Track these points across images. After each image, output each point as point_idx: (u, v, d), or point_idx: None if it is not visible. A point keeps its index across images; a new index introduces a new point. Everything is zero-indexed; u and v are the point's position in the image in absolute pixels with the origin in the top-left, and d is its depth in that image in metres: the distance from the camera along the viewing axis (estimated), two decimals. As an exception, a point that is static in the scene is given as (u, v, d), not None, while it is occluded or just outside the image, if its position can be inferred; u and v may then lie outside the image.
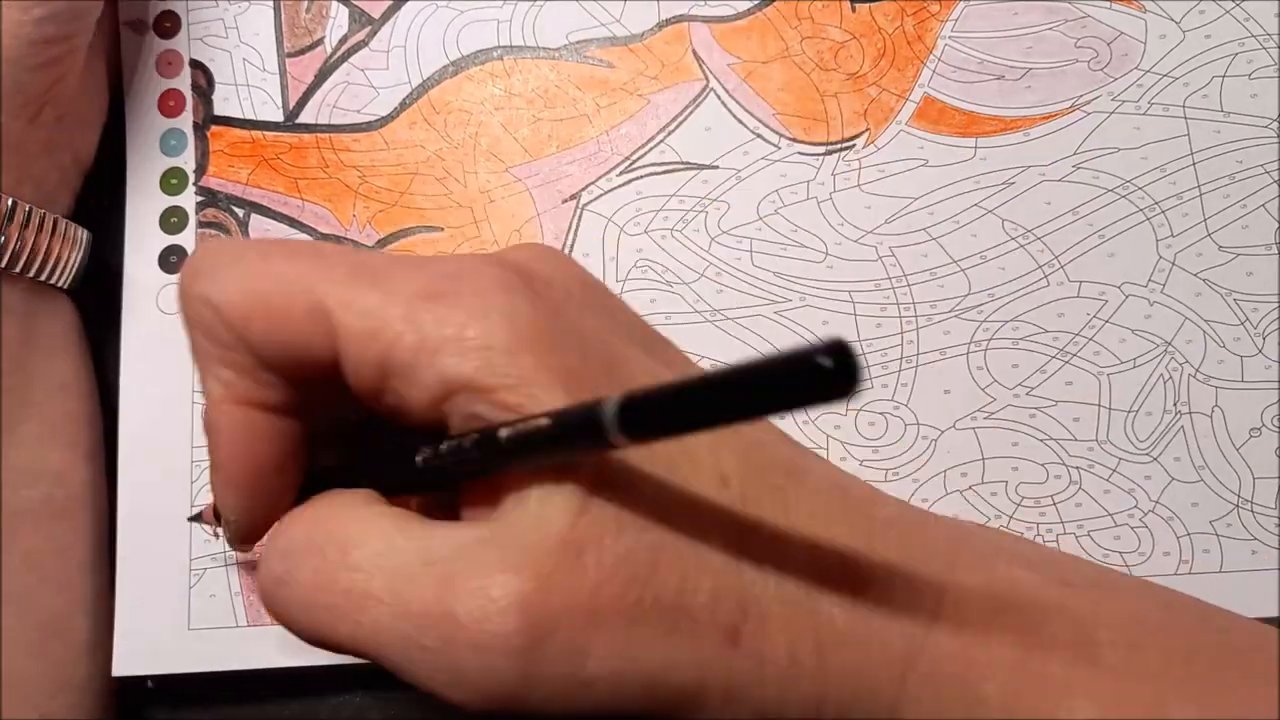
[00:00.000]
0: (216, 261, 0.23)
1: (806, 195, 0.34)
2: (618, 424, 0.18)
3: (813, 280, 0.34)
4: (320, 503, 0.23)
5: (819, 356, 0.15)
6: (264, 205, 0.35)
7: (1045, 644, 0.22)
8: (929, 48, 0.35)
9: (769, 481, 0.22)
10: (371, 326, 0.21)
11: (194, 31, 0.36)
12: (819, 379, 0.15)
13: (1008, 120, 0.34)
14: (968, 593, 0.22)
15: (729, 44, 0.35)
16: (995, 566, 0.23)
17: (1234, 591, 0.32)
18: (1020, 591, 0.23)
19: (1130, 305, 0.33)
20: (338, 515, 0.23)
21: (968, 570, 0.23)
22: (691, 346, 0.34)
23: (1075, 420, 0.33)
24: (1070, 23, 0.34)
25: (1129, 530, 0.32)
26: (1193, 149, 0.34)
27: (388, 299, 0.21)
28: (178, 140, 0.36)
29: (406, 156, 0.35)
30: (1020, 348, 0.33)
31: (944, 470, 0.33)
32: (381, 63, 0.36)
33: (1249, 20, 0.34)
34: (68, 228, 0.33)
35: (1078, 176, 0.34)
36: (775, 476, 0.23)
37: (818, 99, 0.35)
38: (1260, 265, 0.33)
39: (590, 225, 0.35)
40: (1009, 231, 0.34)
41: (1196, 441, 0.33)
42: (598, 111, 0.35)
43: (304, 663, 0.33)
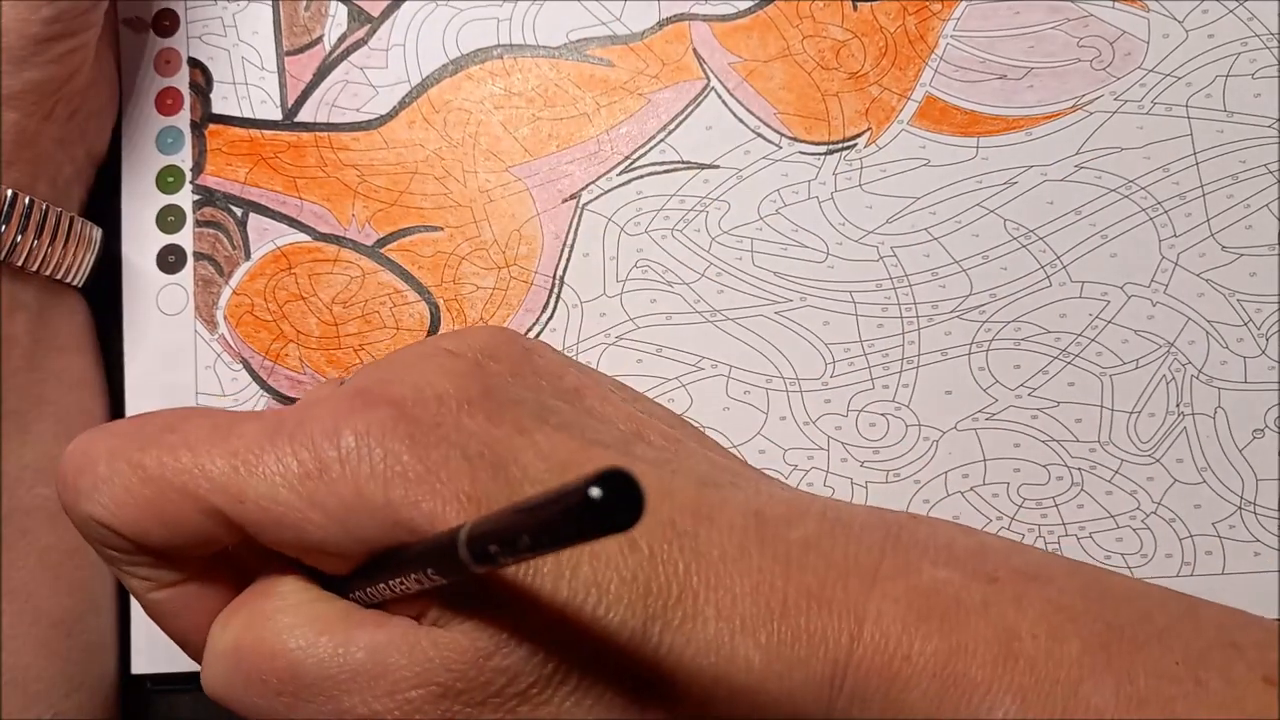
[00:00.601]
0: (91, 475, 0.23)
1: (807, 195, 0.34)
2: (470, 559, 0.19)
3: (814, 280, 0.34)
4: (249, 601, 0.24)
5: (590, 488, 0.16)
6: (262, 204, 0.35)
7: (966, 647, 0.22)
8: (931, 47, 0.34)
9: (678, 529, 0.23)
10: (272, 516, 0.22)
11: (192, 30, 0.36)
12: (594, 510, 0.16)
13: (1010, 120, 0.34)
14: (890, 604, 0.23)
15: (730, 43, 0.35)
16: (920, 570, 0.23)
17: (1236, 593, 0.32)
18: (943, 594, 0.23)
19: (1133, 306, 0.33)
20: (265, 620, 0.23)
21: (890, 580, 0.23)
22: (692, 347, 0.34)
23: (1077, 421, 0.33)
24: (1073, 22, 0.34)
25: (1131, 532, 0.32)
26: (1195, 149, 0.33)
27: (278, 485, 0.22)
28: (175, 138, 0.36)
29: (406, 155, 0.35)
30: (1022, 348, 0.33)
31: (945, 471, 0.33)
32: (381, 61, 0.36)
33: (1252, 20, 0.34)
34: (82, 226, 0.33)
35: (1080, 176, 0.34)
36: (684, 523, 0.23)
37: (819, 98, 0.35)
38: (1263, 266, 0.33)
39: (590, 225, 0.35)
40: (1011, 231, 0.34)
41: (1199, 443, 0.32)
42: (598, 110, 0.35)
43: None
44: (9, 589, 0.31)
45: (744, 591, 0.23)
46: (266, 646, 0.23)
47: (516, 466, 0.23)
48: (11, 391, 0.31)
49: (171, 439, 0.23)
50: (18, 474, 0.31)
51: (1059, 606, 0.23)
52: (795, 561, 0.23)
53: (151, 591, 0.25)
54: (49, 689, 0.31)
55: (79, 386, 0.33)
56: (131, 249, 0.35)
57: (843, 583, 0.23)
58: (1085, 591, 0.24)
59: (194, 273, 0.35)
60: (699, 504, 0.24)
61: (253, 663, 0.23)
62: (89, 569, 0.33)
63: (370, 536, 0.22)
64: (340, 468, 0.22)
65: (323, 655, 0.22)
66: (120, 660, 0.34)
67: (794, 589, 0.23)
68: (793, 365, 0.34)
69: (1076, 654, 0.22)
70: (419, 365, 0.25)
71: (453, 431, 0.23)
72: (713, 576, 0.23)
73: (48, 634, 0.31)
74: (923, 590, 0.23)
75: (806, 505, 0.25)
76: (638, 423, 0.27)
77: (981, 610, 0.23)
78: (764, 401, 0.34)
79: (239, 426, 0.23)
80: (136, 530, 0.23)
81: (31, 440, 0.32)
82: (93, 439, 0.24)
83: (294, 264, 0.35)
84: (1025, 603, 0.23)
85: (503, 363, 0.26)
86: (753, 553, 0.23)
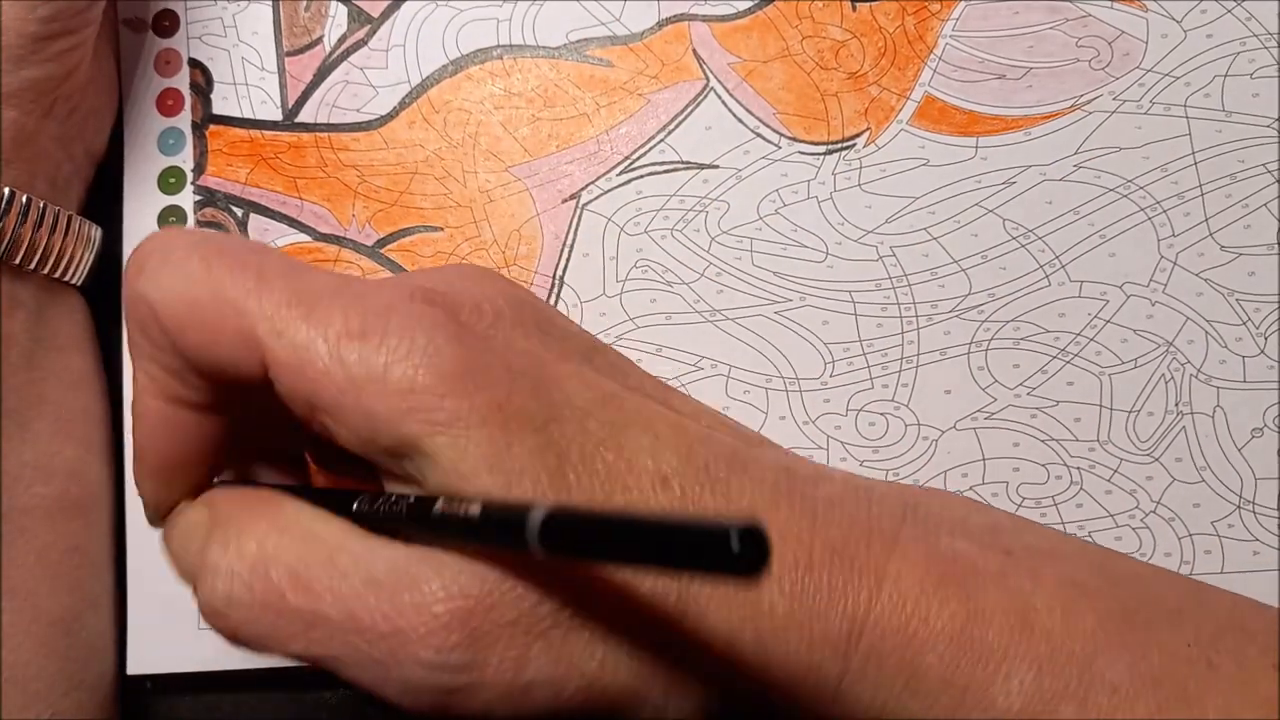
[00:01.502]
0: (163, 258, 0.23)
1: (807, 195, 0.34)
2: (538, 538, 0.18)
3: (813, 280, 0.34)
4: (260, 517, 0.24)
5: (732, 535, 0.15)
6: (263, 205, 0.35)
7: (983, 614, 0.22)
8: (930, 47, 0.35)
9: (711, 475, 0.23)
10: (299, 360, 0.22)
11: (193, 30, 0.36)
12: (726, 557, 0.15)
13: (1009, 119, 0.34)
14: (910, 567, 0.23)
15: (729, 43, 0.35)
16: (938, 539, 0.24)
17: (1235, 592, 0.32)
18: (961, 563, 0.23)
19: (1131, 305, 0.33)
20: (279, 533, 0.23)
21: (910, 544, 0.23)
22: (691, 346, 0.34)
23: (1076, 420, 0.33)
24: (1071, 22, 0.34)
25: (1130, 531, 0.32)
26: (1194, 148, 0.33)
27: (317, 334, 0.22)
28: (176, 139, 0.36)
29: (406, 156, 0.35)
30: (1021, 348, 0.33)
31: (945, 471, 0.33)
32: (381, 62, 0.36)
33: (1250, 20, 0.34)
34: (81, 225, 0.33)
35: (1079, 176, 0.34)
36: (718, 469, 0.23)
37: (818, 98, 0.35)
38: (1262, 265, 0.33)
39: (590, 225, 0.35)
40: (1010, 231, 0.34)
41: (1198, 442, 0.32)
42: (597, 111, 0.35)
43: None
44: (8, 587, 0.31)
45: (773, 540, 0.22)
46: (284, 559, 0.22)
47: (559, 391, 0.23)
48: (10, 390, 0.31)
49: (248, 259, 0.23)
50: (17, 472, 0.31)
51: (1074, 582, 0.23)
52: (821, 516, 0.23)
53: (149, 395, 0.24)
54: (48, 688, 0.31)
55: (78, 385, 0.33)
56: (133, 249, 0.35)
57: (865, 541, 0.23)
58: (1098, 570, 0.24)
59: (194, 273, 0.35)
60: (734, 454, 0.24)
61: (268, 578, 0.22)
62: (88, 568, 0.33)
63: (380, 416, 0.22)
64: (379, 339, 0.22)
65: (345, 567, 0.22)
66: (118, 660, 0.34)
67: (819, 542, 0.23)
68: (792, 365, 0.34)
69: (1092, 628, 0.22)
70: (482, 281, 0.24)
71: (502, 345, 0.23)
72: None
73: (46, 632, 0.31)
74: (941, 557, 0.23)
75: (831, 471, 0.25)
76: (665, 391, 0.27)
77: (999, 580, 0.23)
78: (763, 401, 0.34)
79: (310, 274, 0.23)
80: (176, 325, 0.23)
81: (30, 439, 0.32)
82: (179, 232, 0.24)
83: (294, 264, 0.35)
84: (1041, 576, 0.23)
85: (548, 310, 0.26)
86: (781, 504, 0.23)
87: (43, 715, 0.31)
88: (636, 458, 0.22)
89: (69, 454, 0.33)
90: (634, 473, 0.22)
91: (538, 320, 0.24)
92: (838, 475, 0.25)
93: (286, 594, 0.22)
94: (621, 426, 0.23)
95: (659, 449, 0.23)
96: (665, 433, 0.23)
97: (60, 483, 0.32)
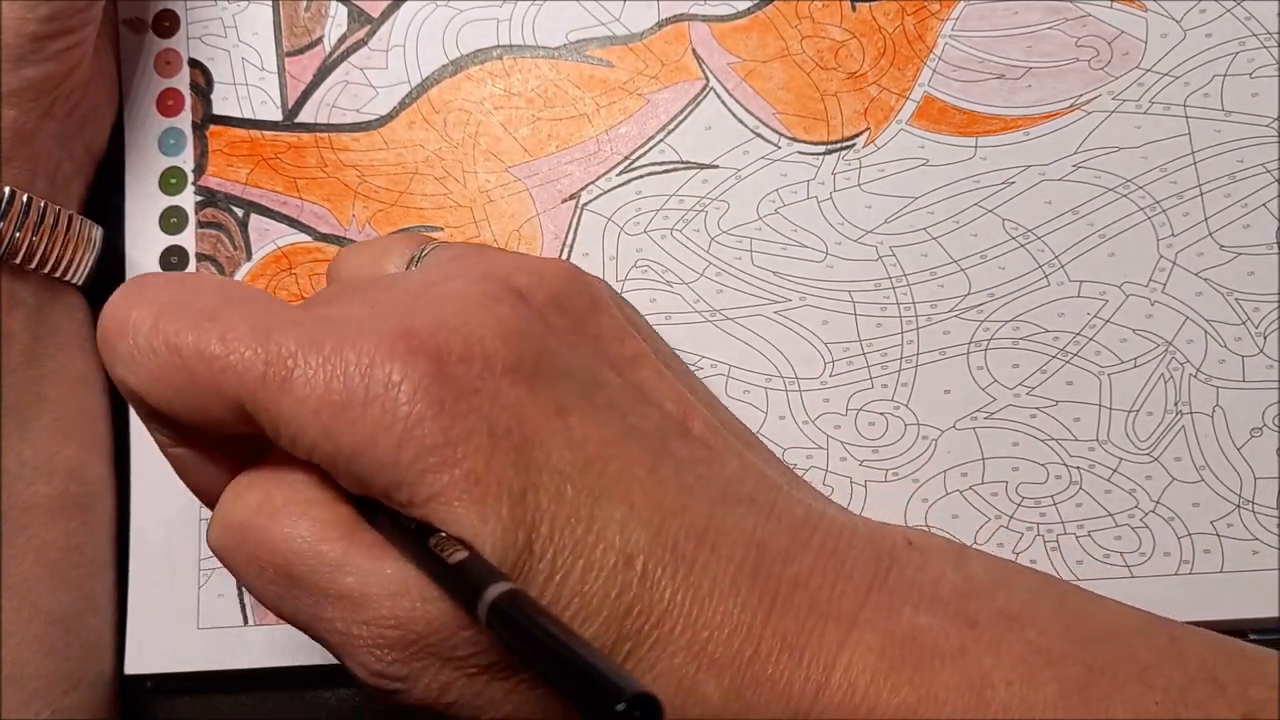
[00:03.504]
0: (130, 342, 0.24)
1: (806, 195, 0.34)
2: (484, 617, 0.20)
3: (813, 280, 0.34)
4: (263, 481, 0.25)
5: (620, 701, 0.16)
6: (263, 205, 0.35)
7: (935, 697, 0.22)
8: (929, 47, 0.35)
9: (678, 554, 0.23)
10: (289, 434, 0.23)
11: (193, 30, 0.36)
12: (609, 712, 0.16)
13: (1008, 119, 0.34)
14: (863, 652, 0.23)
15: (729, 43, 0.35)
16: (900, 614, 0.23)
17: (1235, 592, 0.32)
18: (919, 643, 0.23)
19: (1131, 305, 0.33)
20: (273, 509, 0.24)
21: (868, 626, 0.23)
22: (691, 346, 0.34)
23: (1076, 420, 0.33)
24: (1071, 21, 0.34)
25: (1130, 530, 0.32)
26: (1193, 148, 0.33)
27: (301, 407, 0.22)
28: (176, 140, 0.36)
29: (406, 156, 0.35)
30: (1020, 347, 0.33)
31: (944, 470, 0.33)
32: (381, 62, 0.36)
33: (1250, 19, 0.34)
34: (81, 225, 0.33)
35: (1078, 176, 0.34)
36: (686, 546, 0.23)
37: (818, 98, 0.35)
38: (1261, 265, 0.33)
39: (590, 225, 0.35)
40: (1009, 231, 0.34)
41: (1197, 441, 0.32)
42: (597, 111, 0.35)
43: (309, 661, 0.33)
44: (7, 585, 0.31)
45: (721, 629, 0.23)
46: (269, 537, 0.23)
47: (541, 451, 0.23)
48: (10, 388, 0.31)
49: (211, 330, 0.23)
50: (17, 470, 0.31)
51: (1038, 650, 0.23)
52: (780, 602, 0.23)
53: (171, 447, 0.26)
54: (47, 686, 0.31)
55: (79, 385, 0.33)
56: (134, 250, 0.35)
57: (820, 630, 0.23)
58: (1067, 631, 0.24)
59: (195, 273, 0.35)
60: (707, 527, 0.23)
61: (254, 547, 0.24)
62: (87, 567, 0.33)
63: (372, 482, 0.23)
64: (362, 410, 0.22)
65: (318, 566, 0.23)
66: (117, 660, 0.34)
67: (771, 633, 0.23)
68: (792, 365, 0.34)
69: (1052, 699, 0.22)
70: (479, 311, 0.24)
71: (486, 401, 0.23)
72: (695, 609, 0.23)
73: (46, 631, 0.31)
74: (899, 637, 0.23)
75: (809, 535, 0.25)
76: (685, 406, 0.26)
77: (958, 658, 0.23)
78: (763, 401, 0.34)
79: (278, 332, 0.23)
80: (163, 404, 0.24)
81: (30, 437, 0.32)
82: (135, 304, 0.24)
83: (295, 264, 0.35)
84: (1003, 647, 0.23)
85: (568, 316, 0.26)
86: (743, 589, 0.23)
87: (42, 713, 0.31)
88: (606, 531, 0.23)
89: (69, 453, 0.33)
90: (600, 548, 0.22)
91: (536, 359, 0.24)
92: (815, 542, 0.24)
93: (265, 568, 0.23)
94: (597, 496, 0.23)
95: (630, 523, 0.23)
96: (640, 504, 0.23)
97: (60, 481, 0.32)
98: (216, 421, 0.24)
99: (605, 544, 0.23)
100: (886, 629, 0.23)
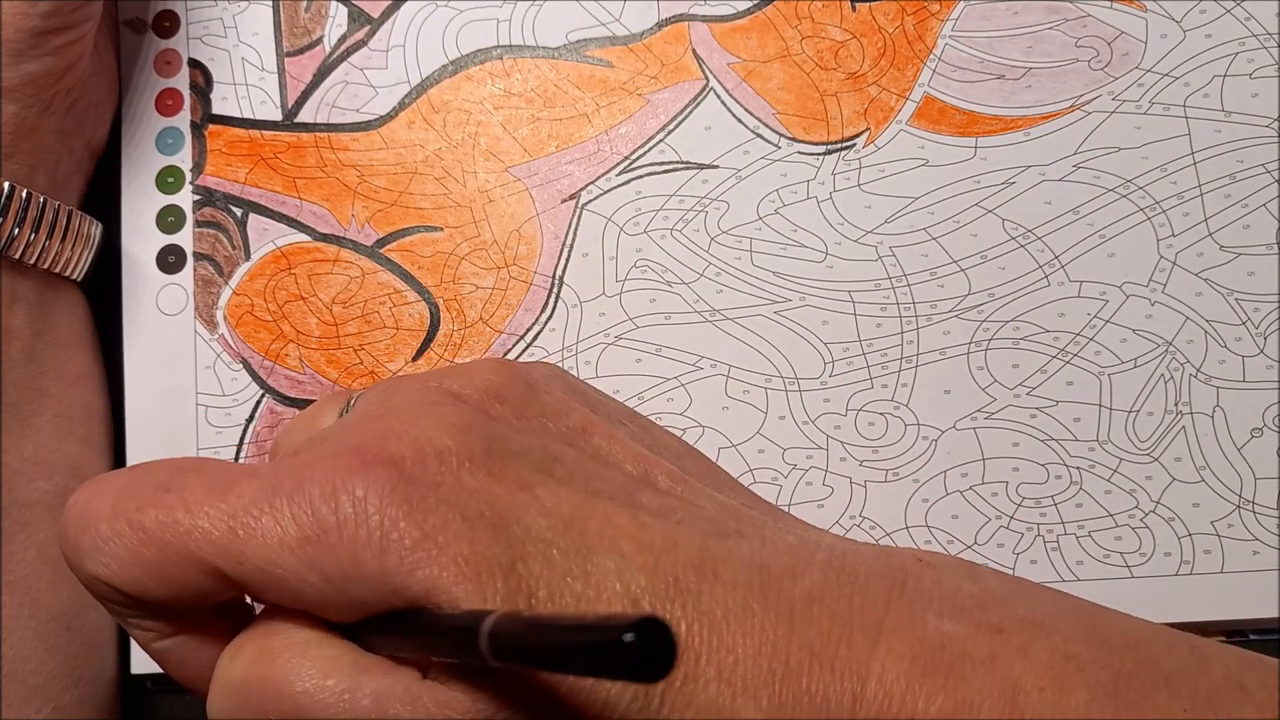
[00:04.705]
0: (93, 536, 0.23)
1: (806, 195, 0.34)
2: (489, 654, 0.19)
3: (813, 280, 0.34)
4: (256, 637, 0.24)
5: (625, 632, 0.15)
6: (262, 204, 0.35)
7: (971, 702, 0.22)
8: (929, 47, 0.35)
9: (681, 587, 0.23)
10: (271, 580, 0.22)
11: (193, 31, 0.36)
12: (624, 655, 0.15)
13: (1008, 120, 0.34)
14: (894, 660, 0.22)
15: (729, 43, 0.35)
16: (925, 623, 0.23)
17: (1235, 592, 0.32)
18: (948, 650, 0.23)
19: (1131, 305, 0.33)
20: (271, 658, 0.23)
21: (895, 635, 0.23)
22: (691, 346, 0.34)
23: (1076, 420, 0.33)
24: (1071, 22, 0.34)
25: (1130, 531, 0.32)
26: (1193, 148, 0.33)
27: (278, 549, 0.22)
28: (175, 139, 0.36)
29: (405, 156, 0.35)
30: (1021, 348, 0.33)
31: (944, 470, 0.33)
32: (381, 62, 0.36)
33: (1249, 20, 0.34)
34: (81, 221, 0.33)
35: (1078, 176, 0.34)
36: (687, 580, 0.23)
37: (818, 98, 0.35)
38: (1261, 265, 0.33)
39: (590, 225, 0.35)
40: (1009, 231, 0.34)
41: (1198, 441, 0.32)
42: (597, 111, 0.35)
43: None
44: (8, 582, 0.31)
45: (747, 652, 0.22)
46: (273, 685, 0.23)
47: (519, 525, 0.23)
48: (11, 384, 0.31)
49: (169, 499, 0.23)
50: (17, 467, 0.31)
51: (1066, 656, 0.23)
52: (800, 616, 0.23)
53: (156, 641, 0.25)
54: (48, 683, 0.31)
55: (79, 381, 0.33)
56: (132, 249, 0.35)
57: (847, 639, 0.23)
58: (1091, 638, 0.24)
59: (194, 273, 0.35)
60: (703, 559, 0.23)
61: (259, 700, 0.23)
62: None
63: (367, 601, 0.22)
64: (338, 534, 0.22)
65: (328, 699, 0.22)
66: (120, 660, 0.34)
67: (797, 647, 0.22)
68: (792, 365, 0.34)
69: (1084, 703, 0.22)
70: (421, 416, 0.24)
71: (452, 492, 0.23)
72: (715, 637, 0.22)
73: (47, 628, 0.31)
74: (928, 644, 0.23)
75: (811, 554, 0.24)
76: (645, 463, 0.27)
77: (988, 664, 0.23)
78: (763, 401, 0.34)
79: (236, 486, 0.23)
80: (139, 589, 0.23)
81: (31, 434, 0.32)
82: (92, 496, 0.24)
83: (294, 264, 0.35)
84: (1031, 654, 0.23)
85: (508, 404, 0.26)
86: (756, 610, 0.23)
87: (43, 710, 0.31)
88: (605, 581, 0.22)
89: (70, 449, 0.33)
90: (604, 598, 0.22)
91: (487, 445, 0.24)
92: (818, 559, 0.24)
93: (278, 714, 0.23)
94: (586, 553, 0.23)
95: (625, 570, 0.23)
96: (630, 551, 0.23)
97: (61, 478, 0.32)
98: (194, 592, 0.23)
99: (607, 592, 0.22)
100: (914, 636, 0.23)
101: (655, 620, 0.15)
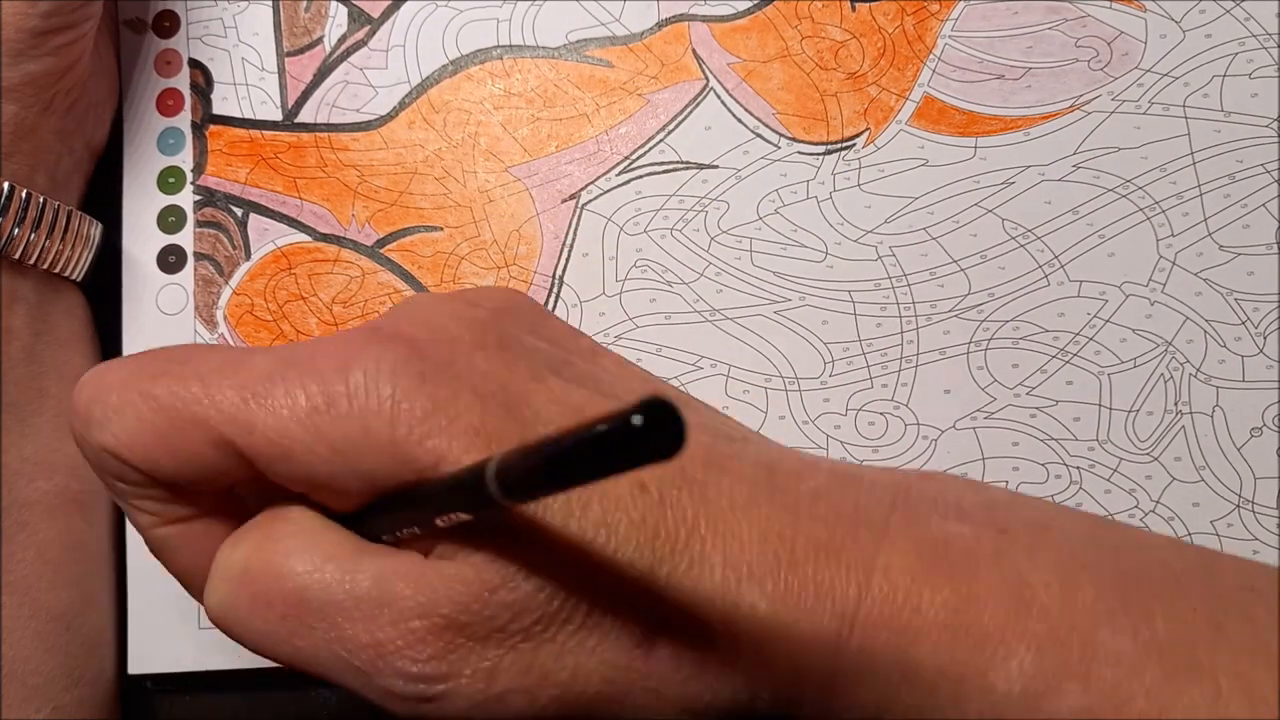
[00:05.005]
0: (104, 405, 0.23)
1: (806, 195, 0.34)
2: (500, 493, 0.19)
3: (813, 280, 0.34)
4: (258, 525, 0.24)
5: (633, 415, 0.15)
6: (262, 204, 0.35)
7: (977, 597, 0.22)
8: (929, 47, 0.35)
9: (688, 477, 0.23)
10: (280, 449, 0.22)
11: (193, 31, 0.36)
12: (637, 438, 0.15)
13: (1008, 120, 0.34)
14: (899, 556, 0.22)
15: (729, 43, 0.35)
16: (929, 523, 0.23)
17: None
18: (953, 547, 0.23)
19: (1131, 305, 0.33)
20: (273, 543, 0.23)
21: (899, 532, 0.23)
22: (691, 346, 0.34)
23: (1076, 420, 0.33)
24: (1070, 22, 0.34)
25: (1129, 530, 0.32)
26: (1193, 148, 0.33)
27: (288, 418, 0.22)
28: (176, 139, 0.36)
29: (406, 156, 0.35)
30: (1020, 347, 0.33)
31: (944, 470, 0.33)
32: (381, 62, 0.36)
33: (1249, 20, 0.34)
34: (81, 221, 0.33)
35: (1078, 176, 0.34)
36: (695, 470, 0.23)
37: (818, 98, 0.35)
38: (1261, 265, 0.33)
39: (590, 225, 0.35)
40: (1009, 231, 0.34)
41: (1197, 441, 0.32)
42: (597, 111, 0.35)
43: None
44: (7, 582, 0.31)
45: (751, 539, 0.22)
46: (274, 569, 0.23)
47: (529, 408, 0.23)
48: (11, 384, 0.31)
49: (183, 370, 0.23)
50: (17, 467, 0.31)
51: (1072, 554, 0.23)
52: (805, 511, 0.23)
53: (157, 527, 0.25)
54: (48, 683, 0.31)
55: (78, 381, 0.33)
56: (132, 249, 0.35)
57: (852, 534, 0.23)
58: (1098, 541, 0.24)
59: (194, 273, 0.35)
60: (711, 454, 0.23)
61: (259, 585, 0.23)
62: (87, 564, 0.33)
63: (377, 473, 0.22)
64: (348, 403, 0.22)
65: (329, 580, 0.22)
66: (118, 659, 0.34)
67: (803, 539, 0.22)
68: (792, 364, 0.34)
69: (1091, 600, 0.22)
70: (435, 309, 0.24)
71: (465, 370, 0.23)
72: (720, 523, 0.22)
73: (46, 628, 0.31)
74: (933, 542, 0.23)
75: (817, 461, 0.25)
76: (653, 385, 0.27)
77: (993, 561, 0.22)
78: (763, 401, 0.34)
79: (250, 360, 0.23)
80: (147, 460, 0.23)
81: (30, 433, 0.32)
82: (105, 370, 0.24)
83: (294, 264, 0.35)
84: (1038, 552, 0.23)
85: (520, 320, 0.26)
86: (762, 502, 0.23)
87: (43, 711, 0.31)
88: None
89: (70, 450, 0.33)
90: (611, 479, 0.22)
91: (500, 339, 0.24)
92: (824, 465, 0.25)
93: (274, 603, 0.23)
94: None
95: None
96: None
97: (61, 478, 0.32)
98: (203, 467, 0.23)
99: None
100: (918, 535, 0.23)
101: (658, 398, 0.15)
